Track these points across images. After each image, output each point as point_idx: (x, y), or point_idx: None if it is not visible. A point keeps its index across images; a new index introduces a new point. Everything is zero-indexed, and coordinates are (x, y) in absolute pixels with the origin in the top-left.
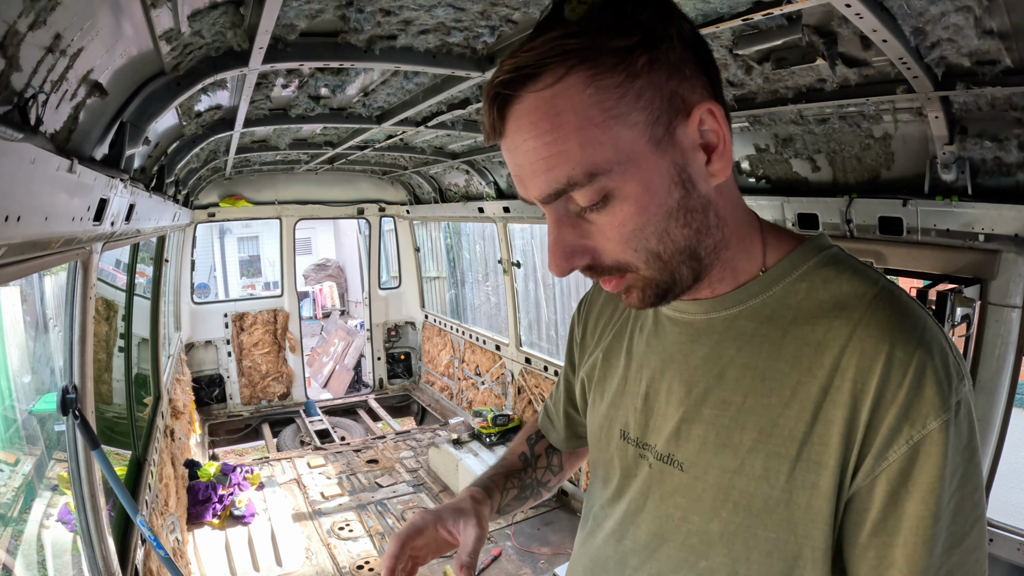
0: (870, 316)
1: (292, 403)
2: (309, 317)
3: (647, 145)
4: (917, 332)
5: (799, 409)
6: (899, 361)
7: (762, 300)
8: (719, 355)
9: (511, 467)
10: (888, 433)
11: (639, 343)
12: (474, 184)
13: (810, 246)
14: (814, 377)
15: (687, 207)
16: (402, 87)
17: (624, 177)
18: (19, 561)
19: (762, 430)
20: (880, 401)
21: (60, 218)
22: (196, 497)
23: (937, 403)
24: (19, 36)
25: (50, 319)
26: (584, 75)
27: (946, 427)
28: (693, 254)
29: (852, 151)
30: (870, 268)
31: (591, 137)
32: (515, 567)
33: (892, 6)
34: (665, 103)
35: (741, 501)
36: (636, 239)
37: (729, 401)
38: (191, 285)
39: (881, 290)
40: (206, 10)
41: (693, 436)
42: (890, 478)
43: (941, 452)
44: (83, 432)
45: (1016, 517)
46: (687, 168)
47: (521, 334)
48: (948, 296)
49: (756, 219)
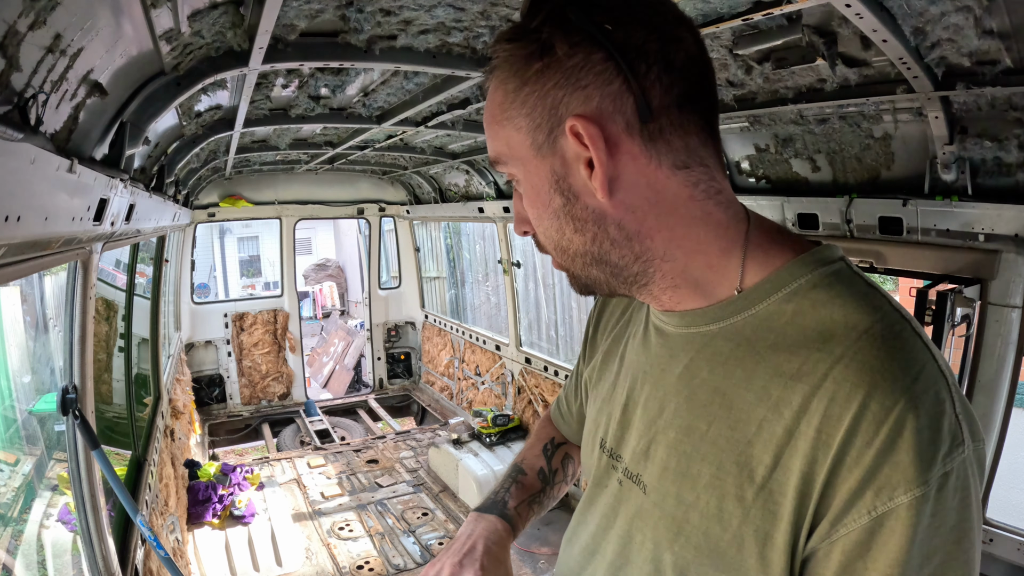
0: (853, 354)
1: (292, 403)
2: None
3: (529, 149)
4: (905, 380)
5: (761, 450)
6: (872, 414)
7: (742, 319)
8: (692, 375)
9: (532, 489)
10: (848, 497)
11: (631, 349)
12: (474, 184)
13: (807, 260)
14: (780, 416)
15: (573, 215)
16: (402, 87)
17: (518, 170)
18: (19, 561)
19: (720, 466)
20: (842, 459)
21: (60, 218)
22: (196, 497)
23: (911, 473)
24: (19, 36)
25: (50, 319)
26: (498, 79)
27: (918, 503)
28: (600, 260)
29: (852, 151)
30: (876, 292)
31: (493, 132)
32: (515, 567)
33: (892, 6)
34: (547, 111)
35: (693, 537)
36: (538, 226)
37: (694, 427)
38: (191, 285)
39: (876, 323)
40: (206, 10)
41: (658, 459)
42: (846, 548)
43: (907, 533)
44: (83, 432)
45: (1016, 517)
46: (567, 178)
47: (521, 334)
48: (948, 296)
49: (737, 231)
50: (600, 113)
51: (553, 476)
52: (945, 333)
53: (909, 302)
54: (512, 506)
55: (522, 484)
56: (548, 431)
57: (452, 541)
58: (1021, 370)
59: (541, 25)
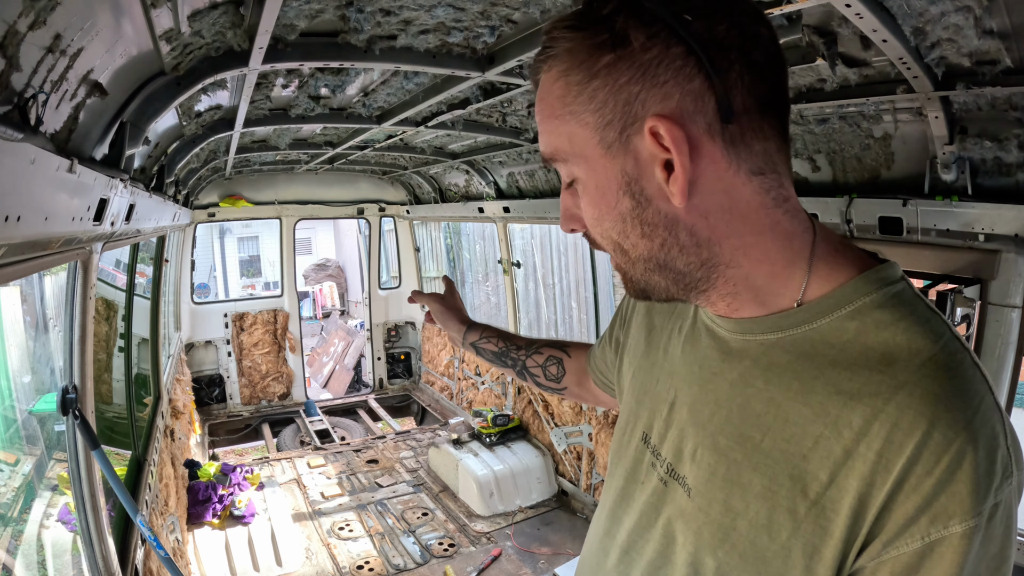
0: (917, 381)
1: (292, 403)
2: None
3: (597, 147)
4: (967, 413)
5: (816, 466)
6: (935, 444)
7: (803, 332)
8: (746, 383)
9: (510, 337)
10: (903, 521)
11: (676, 344)
12: (474, 184)
13: (872, 277)
14: (839, 435)
15: (642, 219)
16: (402, 87)
17: (580, 169)
18: (19, 561)
19: (774, 478)
20: (902, 485)
21: (60, 218)
22: (196, 497)
23: (968, 504)
24: (19, 36)
25: (50, 319)
26: (558, 69)
27: (972, 534)
28: (665, 266)
29: (852, 151)
30: (937, 317)
31: (551, 127)
32: (515, 567)
33: (892, 6)
34: (620, 108)
35: (739, 544)
36: (598, 226)
37: (747, 436)
38: (191, 285)
39: (940, 350)
40: (206, 10)
41: (705, 463)
42: (894, 570)
43: (958, 561)
44: (83, 432)
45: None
46: (639, 181)
47: (521, 334)
48: (948, 296)
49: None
50: (681, 113)
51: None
52: None
53: None
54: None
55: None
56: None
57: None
58: (1021, 370)
59: (614, 13)
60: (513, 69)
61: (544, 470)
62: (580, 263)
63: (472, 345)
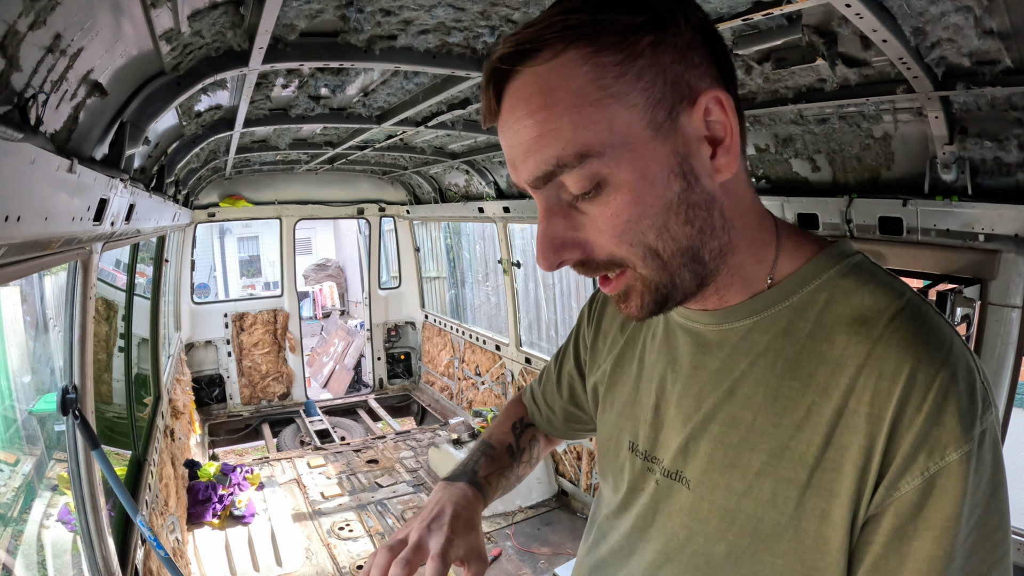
0: (891, 333)
1: (292, 403)
2: (309, 317)
3: (646, 129)
4: (942, 353)
5: (811, 432)
6: (919, 384)
7: (777, 311)
8: (730, 369)
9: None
10: (902, 462)
11: (651, 351)
12: (474, 184)
13: (832, 252)
14: (829, 398)
15: (688, 202)
16: (402, 87)
17: (618, 162)
18: (19, 561)
19: (772, 452)
20: (896, 427)
21: (60, 218)
22: (196, 497)
23: (959, 432)
24: (19, 36)
25: (50, 319)
26: (583, 51)
27: (967, 459)
28: (696, 256)
29: (852, 151)
30: (895, 279)
31: (584, 116)
32: (515, 567)
33: (892, 6)
34: (669, 87)
35: (747, 525)
36: (631, 232)
37: (739, 419)
38: (191, 285)
39: (906, 304)
40: (206, 10)
41: (700, 453)
42: (899, 511)
43: (960, 487)
44: (83, 432)
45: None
46: (689, 159)
47: (521, 334)
48: (948, 296)
49: (772, 222)
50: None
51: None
52: None
53: None
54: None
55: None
56: (518, 410)
57: (421, 509)
58: (1021, 370)
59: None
60: None
61: (544, 470)
62: None
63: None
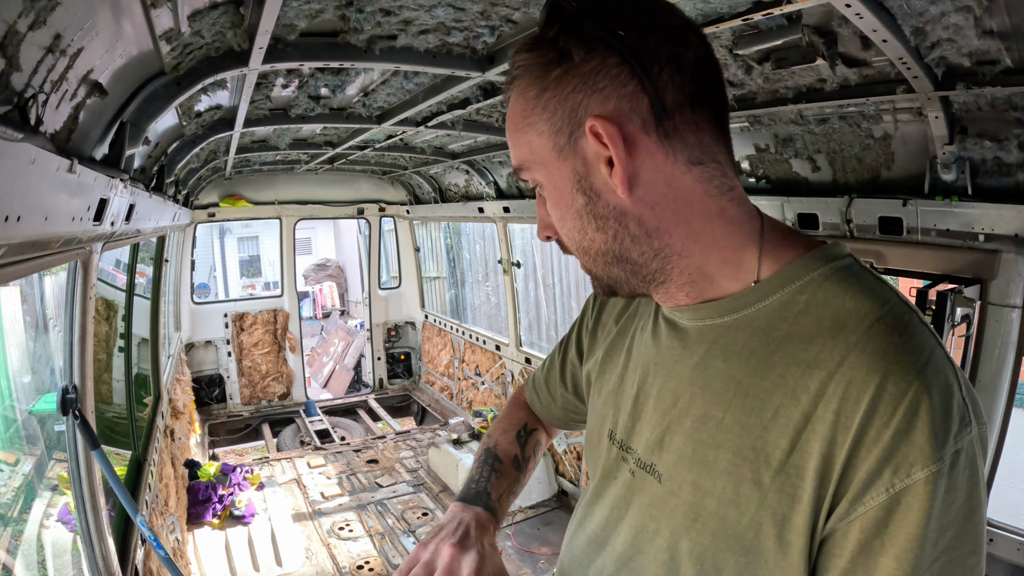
0: (867, 340)
1: (292, 403)
2: (309, 317)
3: (551, 152)
4: (917, 364)
5: (777, 435)
6: (889, 396)
7: (756, 310)
8: (707, 365)
9: (510, 478)
10: (867, 476)
11: (639, 342)
12: (474, 184)
13: (819, 255)
14: (797, 401)
15: (595, 214)
16: (402, 87)
17: (541, 174)
18: (19, 561)
19: (737, 452)
20: (862, 439)
21: (60, 218)
22: (196, 497)
23: (927, 451)
24: (19, 36)
25: (50, 319)
26: (519, 87)
27: (935, 479)
28: (622, 258)
29: (852, 151)
30: (883, 285)
31: (516, 139)
32: (515, 567)
33: (892, 6)
34: (567, 114)
35: (710, 523)
36: (562, 229)
37: (709, 415)
38: (191, 285)
39: (887, 312)
40: (206, 10)
41: (673, 448)
42: (864, 526)
43: (924, 508)
44: (83, 432)
45: (1016, 517)
46: (588, 178)
47: (521, 334)
48: (948, 296)
49: (754, 225)
50: (618, 113)
51: (526, 464)
52: (945, 333)
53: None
54: (495, 497)
55: (500, 473)
56: (521, 415)
57: (440, 527)
58: (1021, 370)
59: (558, 34)
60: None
61: (544, 470)
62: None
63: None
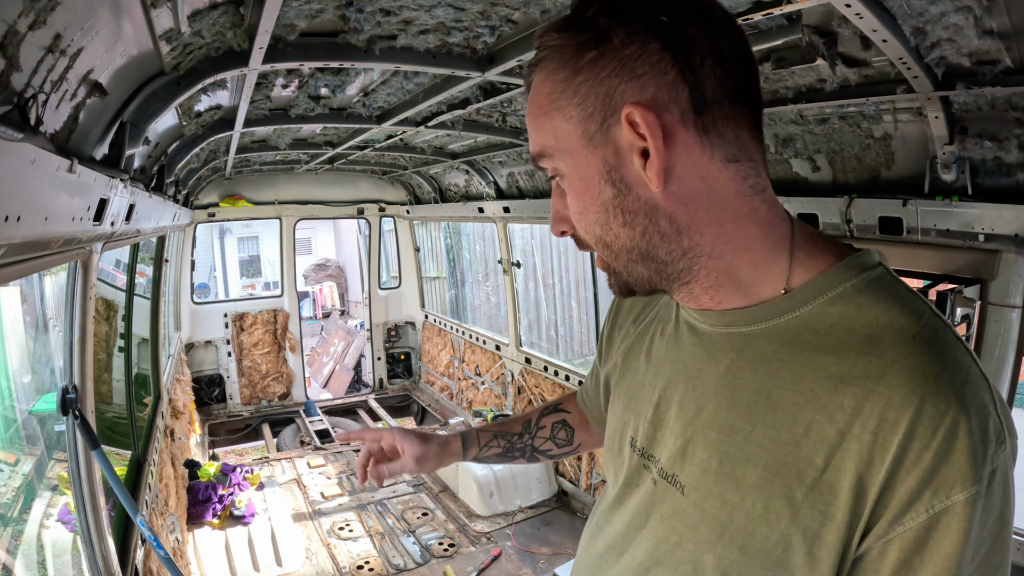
0: (904, 360)
1: (292, 403)
2: (309, 317)
3: (580, 139)
4: (955, 385)
5: (810, 451)
6: (928, 418)
7: (786, 321)
8: (734, 376)
9: (507, 429)
10: (907, 498)
11: (659, 347)
12: (474, 184)
13: (851, 264)
14: (831, 419)
15: (623, 208)
16: (402, 87)
17: (565, 163)
18: (19, 561)
19: (768, 467)
20: (902, 461)
21: (60, 218)
22: (196, 497)
23: (967, 472)
24: (19, 36)
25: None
26: (547, 69)
27: (974, 500)
28: (647, 255)
29: (852, 151)
30: (916, 297)
31: (539, 124)
32: (515, 567)
33: (892, 6)
34: (600, 100)
35: (738, 537)
36: (583, 221)
37: (737, 428)
38: (191, 285)
39: (923, 328)
40: (206, 10)
41: (697, 459)
42: (904, 546)
43: (964, 528)
44: (83, 432)
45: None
46: (619, 169)
47: (521, 334)
48: (948, 296)
49: (785, 229)
50: (655, 102)
51: (537, 431)
52: None
53: None
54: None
55: (503, 422)
56: (563, 396)
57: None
58: (1021, 370)
59: (596, 14)
60: (513, 69)
61: (544, 470)
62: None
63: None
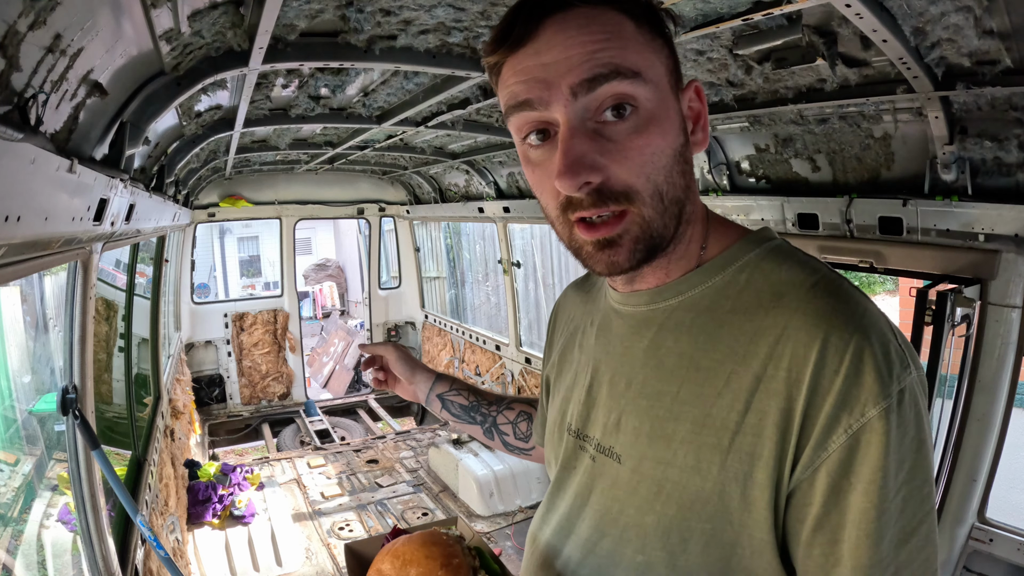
0: (807, 304)
1: (292, 403)
2: (309, 317)
3: (668, 86)
4: (855, 318)
5: (732, 399)
6: (834, 348)
7: (701, 291)
8: (657, 346)
9: (480, 392)
10: (826, 423)
11: (590, 336)
12: (474, 184)
13: (754, 238)
14: (748, 367)
15: (684, 157)
16: (402, 87)
17: (653, 97)
18: (19, 561)
19: (695, 421)
20: (816, 390)
21: (60, 218)
22: (196, 497)
23: (876, 390)
24: (19, 36)
25: (50, 319)
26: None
27: (886, 414)
28: (682, 211)
29: (852, 151)
30: (813, 259)
31: (638, 49)
32: (515, 567)
33: (892, 6)
34: (674, 68)
35: (674, 493)
36: (651, 165)
37: (664, 392)
38: (191, 285)
39: (821, 279)
40: (206, 10)
41: (629, 428)
42: (830, 470)
43: (882, 442)
44: (83, 432)
45: (1016, 517)
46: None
47: (521, 334)
48: (948, 296)
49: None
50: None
51: (504, 410)
52: (945, 333)
53: (909, 302)
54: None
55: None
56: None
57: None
58: (1021, 370)
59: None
60: None
61: (544, 470)
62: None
63: (439, 397)
